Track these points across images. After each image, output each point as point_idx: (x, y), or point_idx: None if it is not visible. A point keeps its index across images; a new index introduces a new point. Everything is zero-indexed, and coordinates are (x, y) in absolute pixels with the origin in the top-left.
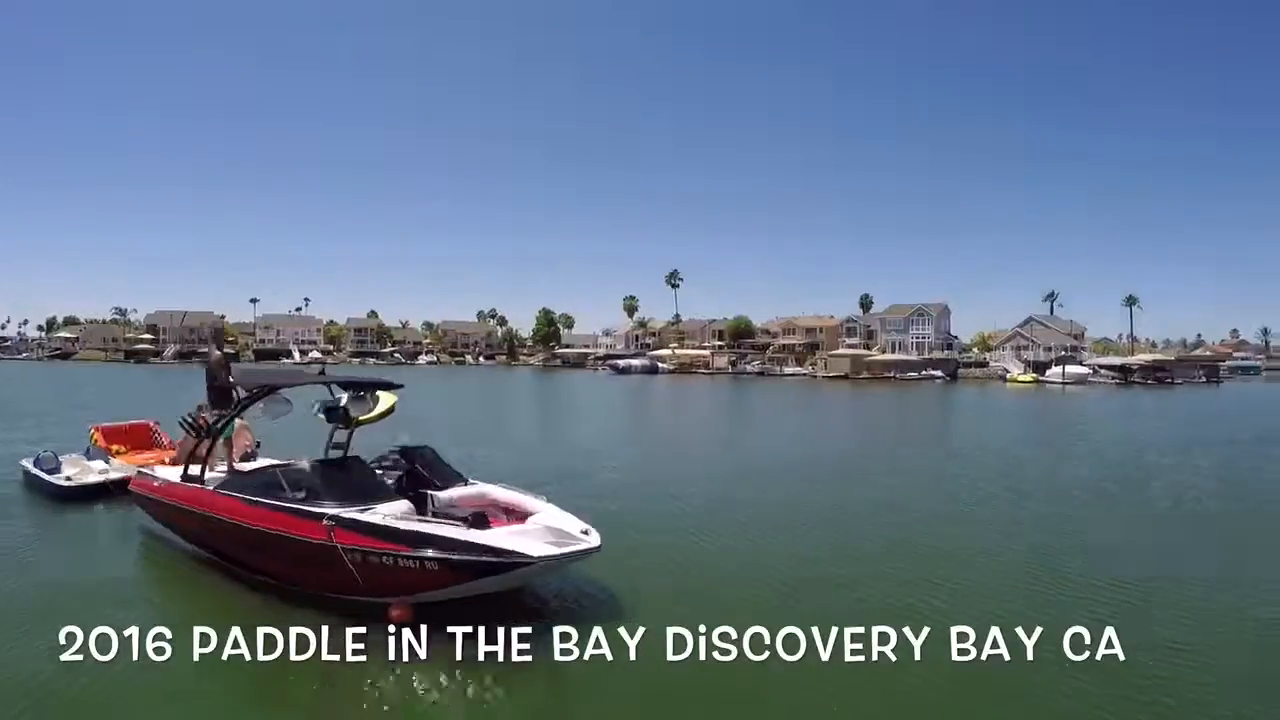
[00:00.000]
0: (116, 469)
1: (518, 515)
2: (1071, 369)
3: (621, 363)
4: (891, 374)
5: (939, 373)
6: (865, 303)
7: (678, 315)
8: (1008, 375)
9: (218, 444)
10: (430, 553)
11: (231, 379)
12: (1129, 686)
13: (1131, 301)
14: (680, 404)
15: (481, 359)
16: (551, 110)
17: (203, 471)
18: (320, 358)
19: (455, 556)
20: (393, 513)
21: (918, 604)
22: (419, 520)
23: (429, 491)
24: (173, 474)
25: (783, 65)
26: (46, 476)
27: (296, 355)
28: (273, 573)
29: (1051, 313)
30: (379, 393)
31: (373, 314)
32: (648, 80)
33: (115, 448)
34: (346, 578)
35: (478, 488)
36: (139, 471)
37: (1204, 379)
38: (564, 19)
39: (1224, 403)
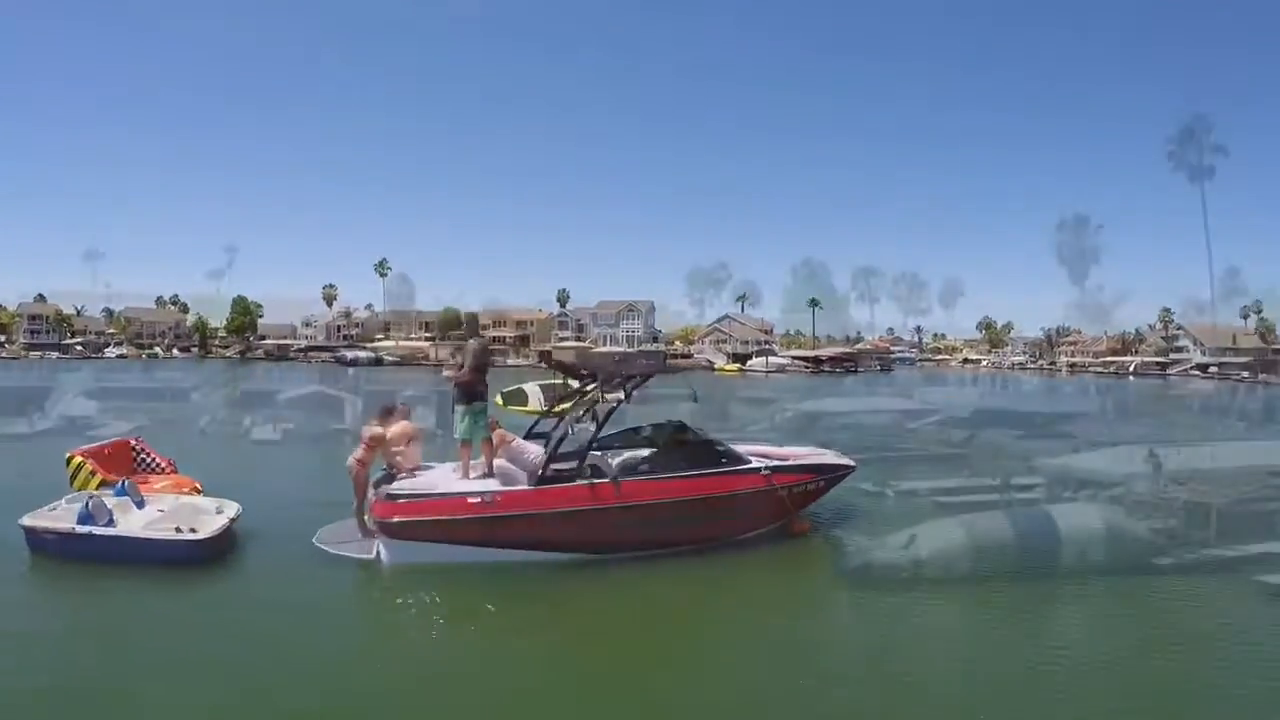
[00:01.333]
0: (229, 506)
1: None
2: (773, 359)
3: (349, 355)
4: None
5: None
6: (562, 297)
7: (369, 305)
8: (714, 365)
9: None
10: (823, 475)
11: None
12: (1128, 686)
13: (814, 303)
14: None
15: (175, 351)
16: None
17: (610, 471)
18: None
19: (833, 475)
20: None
21: (917, 602)
22: (806, 455)
23: None
24: (479, 485)
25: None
26: (124, 533)
27: None
28: (716, 534)
29: (743, 311)
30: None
31: (40, 298)
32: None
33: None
34: (782, 510)
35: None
36: (390, 496)
37: (880, 368)
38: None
39: (907, 383)
